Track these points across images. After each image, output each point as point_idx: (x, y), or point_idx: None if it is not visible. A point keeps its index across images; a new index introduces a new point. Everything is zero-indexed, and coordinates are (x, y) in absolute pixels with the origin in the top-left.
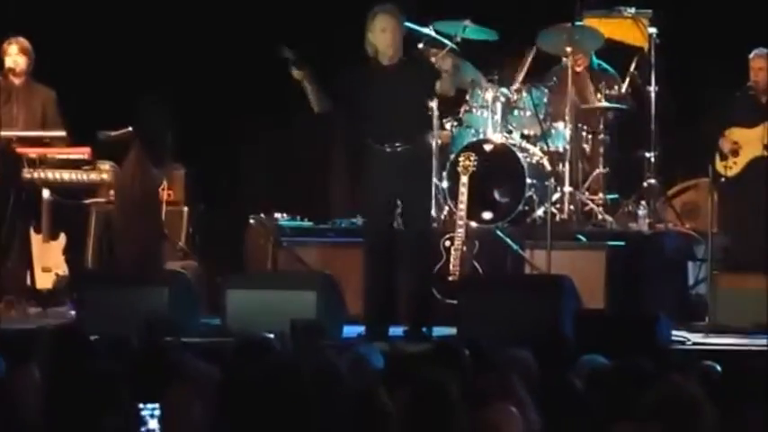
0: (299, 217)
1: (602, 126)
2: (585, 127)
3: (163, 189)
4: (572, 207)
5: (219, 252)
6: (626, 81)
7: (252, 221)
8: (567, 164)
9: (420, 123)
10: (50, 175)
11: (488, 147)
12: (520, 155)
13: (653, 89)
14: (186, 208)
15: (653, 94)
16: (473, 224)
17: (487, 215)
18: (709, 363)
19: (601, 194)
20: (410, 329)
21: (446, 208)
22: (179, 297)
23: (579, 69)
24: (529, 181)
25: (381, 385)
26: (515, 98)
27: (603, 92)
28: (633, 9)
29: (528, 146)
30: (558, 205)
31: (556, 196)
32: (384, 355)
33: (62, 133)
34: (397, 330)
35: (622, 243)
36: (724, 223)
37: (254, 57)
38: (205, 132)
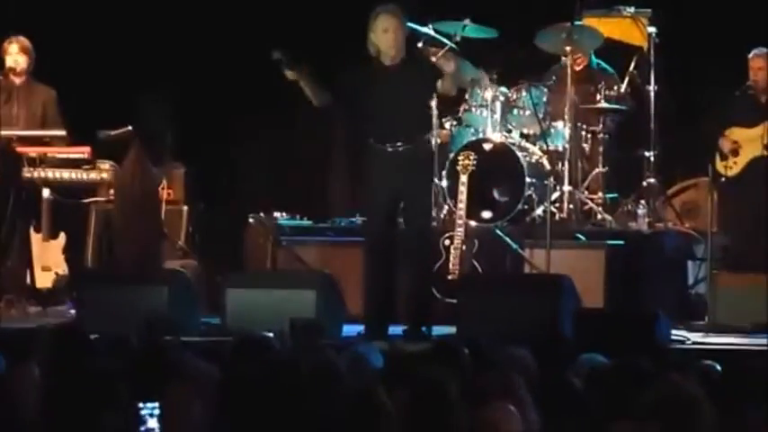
0: (299, 216)
1: (601, 125)
2: (585, 126)
3: (162, 188)
4: (571, 206)
5: (219, 251)
6: (625, 80)
7: (251, 220)
8: (567, 163)
9: (422, 123)
10: (50, 175)
11: (488, 146)
12: (519, 154)
13: (652, 88)
14: (186, 207)
15: (652, 94)
16: (472, 223)
17: (487, 214)
18: (708, 362)
19: (600, 194)
20: (409, 329)
21: (445, 207)
22: (179, 296)
23: (578, 69)
24: (528, 180)
25: (381, 384)
26: (515, 97)
27: (603, 91)
28: (632, 8)
29: (527, 145)
30: (558, 204)
31: (555, 195)
32: (383, 355)
33: (62, 132)
34: (397, 329)
35: (622, 242)
36: (724, 223)
37: (253, 56)
38: (205, 131)
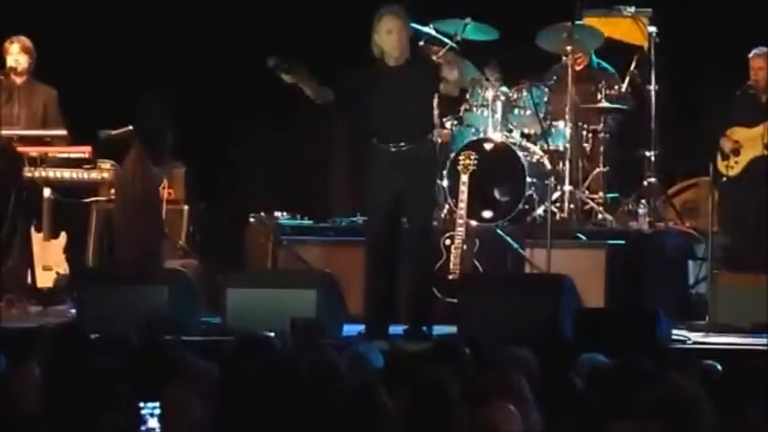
0: (300, 215)
1: (602, 125)
2: (585, 126)
3: (163, 188)
4: (572, 206)
5: (220, 250)
6: (626, 80)
7: (252, 220)
8: (568, 163)
9: (425, 123)
10: (51, 174)
11: (488, 145)
12: (520, 153)
13: (653, 88)
14: (186, 206)
15: (653, 93)
16: (473, 223)
17: (487, 214)
18: (709, 362)
19: (601, 193)
20: (410, 328)
21: (446, 207)
22: (179, 295)
23: (579, 68)
24: (529, 180)
25: (381, 384)
26: (515, 97)
27: (603, 91)
28: (633, 8)
29: (528, 144)
30: (558, 204)
31: (556, 195)
32: (384, 354)
33: (63, 132)
34: (397, 329)
35: (622, 242)
36: (724, 222)
37: (253, 55)
38: (205, 131)
